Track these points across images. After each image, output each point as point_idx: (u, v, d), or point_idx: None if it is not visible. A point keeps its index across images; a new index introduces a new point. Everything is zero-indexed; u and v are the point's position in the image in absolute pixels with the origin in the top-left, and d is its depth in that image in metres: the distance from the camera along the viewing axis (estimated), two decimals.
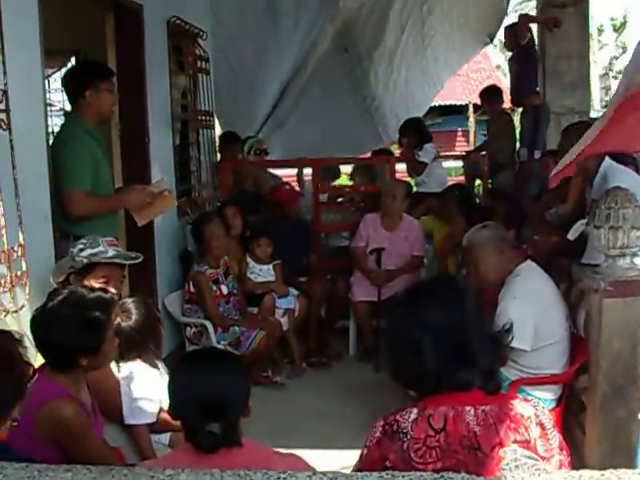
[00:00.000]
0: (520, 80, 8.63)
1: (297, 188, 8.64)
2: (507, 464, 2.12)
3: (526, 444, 2.19)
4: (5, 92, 3.78)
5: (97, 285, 3.89)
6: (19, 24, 4.01)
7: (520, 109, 9.09)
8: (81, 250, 4.01)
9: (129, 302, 4.05)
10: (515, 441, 2.18)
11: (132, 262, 4.22)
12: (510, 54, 9.11)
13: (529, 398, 2.95)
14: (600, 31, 29.83)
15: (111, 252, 4.08)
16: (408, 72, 11.03)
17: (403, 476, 1.86)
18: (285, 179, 8.98)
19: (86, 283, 3.88)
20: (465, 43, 11.36)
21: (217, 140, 8.40)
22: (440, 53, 11.11)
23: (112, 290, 3.83)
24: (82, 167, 4.62)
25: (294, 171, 10.67)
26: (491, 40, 11.77)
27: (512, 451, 2.15)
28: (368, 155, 9.74)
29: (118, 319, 3.82)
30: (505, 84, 23.11)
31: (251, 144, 8.70)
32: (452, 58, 11.69)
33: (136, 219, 4.99)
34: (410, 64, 10.93)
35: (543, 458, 2.21)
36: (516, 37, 8.64)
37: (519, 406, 2.28)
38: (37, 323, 3.18)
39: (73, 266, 3.98)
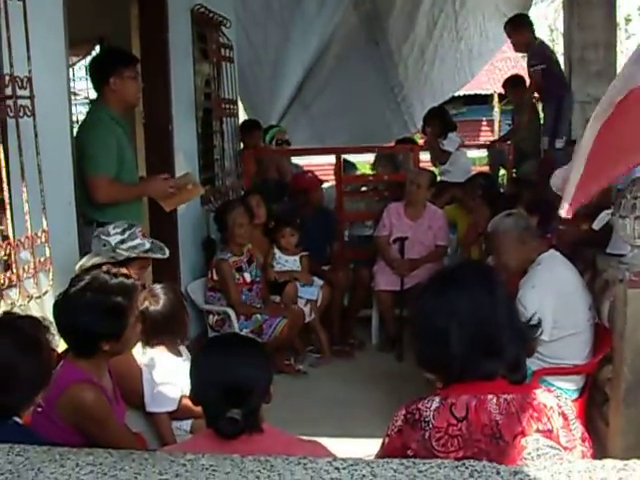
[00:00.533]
0: (544, 86, 8.42)
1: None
2: (529, 453, 2.11)
3: (549, 434, 2.17)
4: (29, 79, 3.80)
5: (135, 275, 3.96)
6: (44, 11, 4.03)
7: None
8: (122, 242, 4.03)
9: (158, 287, 4.08)
10: (537, 430, 2.16)
11: (166, 256, 4.30)
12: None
13: (551, 388, 2.93)
14: (628, 20, 29.45)
15: (147, 244, 4.12)
16: (442, 65, 10.97)
17: (424, 463, 1.85)
18: (311, 167, 8.95)
19: (129, 273, 3.94)
20: (497, 31, 11.24)
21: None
22: (474, 45, 11.02)
23: (143, 279, 3.90)
24: (107, 153, 4.64)
25: (320, 159, 10.67)
26: None
27: (534, 440, 2.13)
28: (391, 144, 9.69)
29: (146, 303, 3.86)
30: None
31: (273, 134, 8.69)
32: (485, 49, 11.57)
33: (163, 205, 5.01)
34: (444, 57, 10.87)
35: (565, 448, 2.19)
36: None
37: (542, 396, 2.26)
38: (59, 308, 3.20)
39: (114, 257, 3.99)
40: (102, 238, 4.06)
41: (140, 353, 3.88)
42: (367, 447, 3.45)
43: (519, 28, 8.10)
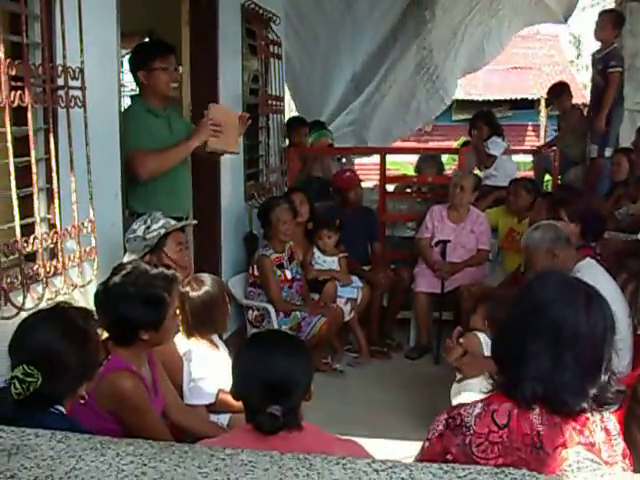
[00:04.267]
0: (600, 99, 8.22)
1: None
2: (569, 465, 2.09)
3: (590, 447, 2.15)
4: (81, 70, 3.85)
5: (175, 255, 4.05)
6: (97, 3, 4.07)
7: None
8: (148, 228, 4.08)
9: (204, 275, 4.14)
10: (579, 443, 2.14)
11: (194, 222, 4.66)
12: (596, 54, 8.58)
13: None
14: None
15: (172, 220, 4.20)
16: (470, 39, 10.78)
17: (463, 469, 1.84)
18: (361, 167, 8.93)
19: (168, 254, 4.04)
20: (535, 16, 11.00)
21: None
22: (505, 20, 10.76)
23: (186, 254, 4.19)
24: (140, 135, 4.69)
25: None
26: (565, 20, 11.33)
27: (575, 453, 2.11)
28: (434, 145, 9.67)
29: (188, 288, 3.90)
30: (579, 79, 22.76)
31: (317, 137, 8.68)
32: (517, 25, 11.30)
33: (208, 144, 5.02)
34: (473, 33, 10.67)
35: (606, 463, 2.16)
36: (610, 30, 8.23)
37: None
38: (100, 297, 3.24)
39: (148, 245, 4.04)
40: (130, 236, 4.13)
41: (179, 344, 3.91)
42: (402, 449, 3.45)
43: (607, 21, 8.02)
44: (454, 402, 3.74)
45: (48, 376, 2.44)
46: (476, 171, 8.49)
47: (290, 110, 10.06)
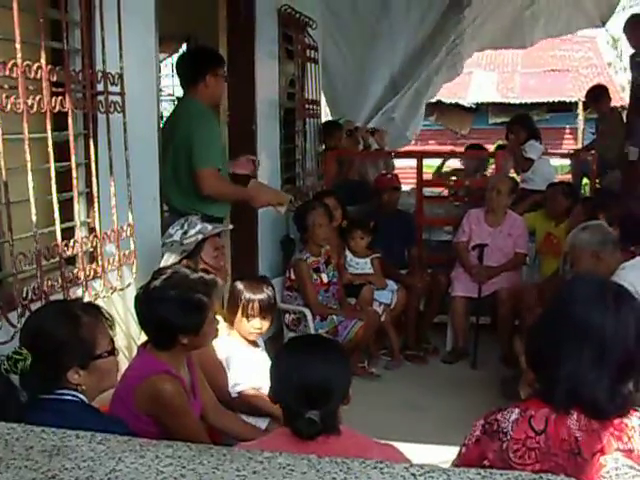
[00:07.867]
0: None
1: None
2: (608, 472, 2.07)
3: (629, 453, 2.12)
4: (121, 76, 3.89)
5: (213, 260, 4.10)
6: (136, 8, 4.12)
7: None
8: (185, 233, 4.10)
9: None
10: (617, 449, 2.12)
11: (230, 227, 4.78)
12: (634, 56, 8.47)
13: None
14: None
15: (209, 226, 4.22)
16: (499, 19, 10.56)
17: (501, 474, 1.83)
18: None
19: (205, 259, 4.07)
20: (571, 18, 10.82)
21: None
22: (540, 15, 10.51)
23: (223, 259, 4.23)
24: (214, 146, 4.84)
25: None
26: (603, 24, 11.14)
27: (614, 459, 2.09)
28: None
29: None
30: (617, 81, 22.54)
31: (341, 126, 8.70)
32: (551, 26, 11.06)
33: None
34: (504, 15, 10.44)
35: None
36: None
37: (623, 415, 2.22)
38: (140, 301, 3.26)
39: (185, 250, 4.06)
40: (167, 241, 4.16)
41: (219, 348, 3.92)
42: (438, 454, 3.44)
43: (637, 27, 7.95)
44: None
45: (39, 356, 2.55)
46: (513, 175, 8.46)
47: (326, 114, 10.08)
